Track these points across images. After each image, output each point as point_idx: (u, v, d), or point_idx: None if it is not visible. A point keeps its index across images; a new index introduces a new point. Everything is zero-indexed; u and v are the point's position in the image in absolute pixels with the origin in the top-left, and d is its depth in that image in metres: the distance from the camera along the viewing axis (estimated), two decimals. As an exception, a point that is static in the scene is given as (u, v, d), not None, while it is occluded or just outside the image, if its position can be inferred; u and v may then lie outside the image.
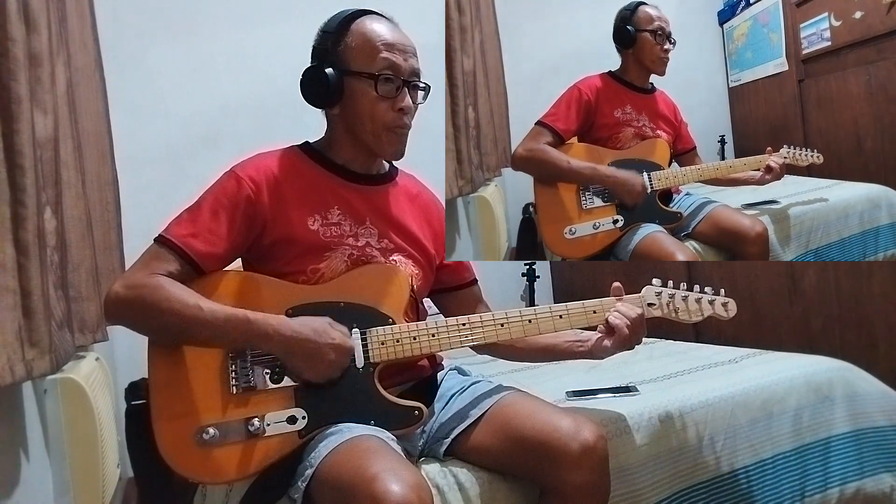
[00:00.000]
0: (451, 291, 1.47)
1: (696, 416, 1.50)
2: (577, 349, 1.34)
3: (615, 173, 1.99)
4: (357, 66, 1.28)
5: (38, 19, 1.45)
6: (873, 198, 2.26)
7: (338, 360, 1.18)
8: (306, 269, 1.26)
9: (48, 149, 1.50)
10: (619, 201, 1.99)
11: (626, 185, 1.97)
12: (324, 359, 1.17)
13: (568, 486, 1.16)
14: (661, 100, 2.19)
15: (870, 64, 2.62)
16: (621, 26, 2.09)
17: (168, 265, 1.18)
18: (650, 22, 2.07)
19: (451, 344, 1.28)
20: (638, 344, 1.30)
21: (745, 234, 1.97)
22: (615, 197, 1.99)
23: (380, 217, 1.34)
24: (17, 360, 1.28)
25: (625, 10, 2.10)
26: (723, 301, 1.35)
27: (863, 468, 1.63)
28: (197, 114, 2.55)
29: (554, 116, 2.04)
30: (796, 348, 2.00)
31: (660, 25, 2.07)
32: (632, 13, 2.09)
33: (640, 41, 2.08)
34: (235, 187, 1.24)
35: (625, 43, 2.10)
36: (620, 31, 2.09)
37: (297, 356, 1.17)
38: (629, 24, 2.08)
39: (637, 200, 1.98)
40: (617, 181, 1.97)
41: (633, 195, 1.97)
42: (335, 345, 1.18)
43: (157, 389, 1.17)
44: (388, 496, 0.97)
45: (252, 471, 1.16)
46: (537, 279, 3.24)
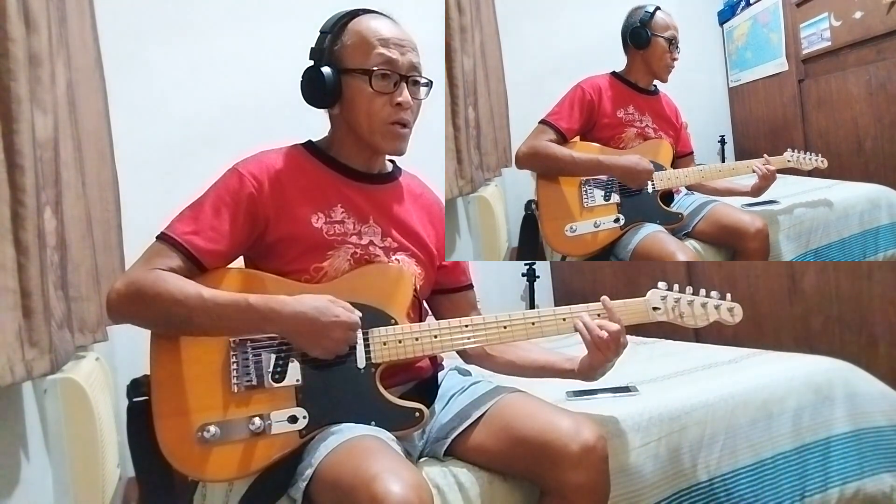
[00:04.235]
0: (445, 294, 1.45)
1: (696, 416, 1.49)
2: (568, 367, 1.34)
3: (619, 160, 2.01)
4: (353, 63, 1.28)
5: (38, 19, 1.45)
6: (873, 198, 2.27)
7: (343, 336, 1.18)
8: (309, 268, 1.26)
9: (48, 149, 1.50)
10: (621, 197, 1.99)
11: (632, 168, 1.99)
12: (329, 336, 1.17)
13: (568, 487, 1.16)
14: (663, 102, 2.20)
15: (870, 64, 2.63)
16: (638, 27, 2.09)
17: (170, 262, 1.18)
18: (666, 29, 2.09)
19: (453, 345, 1.28)
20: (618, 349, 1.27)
21: (746, 230, 1.98)
22: (622, 183, 2.00)
23: (383, 216, 1.34)
24: (17, 360, 1.28)
25: (643, 11, 2.11)
26: (728, 306, 1.33)
27: (863, 468, 1.63)
28: (197, 114, 2.55)
29: (557, 115, 2.05)
30: (796, 348, 2.00)
31: (673, 34, 2.09)
32: (651, 16, 2.09)
33: (654, 45, 2.09)
34: (238, 184, 1.24)
35: (639, 44, 2.10)
36: (636, 32, 2.09)
37: (302, 336, 1.17)
38: (646, 27, 2.08)
39: (643, 183, 1.99)
40: (622, 167, 1.99)
41: (640, 178, 1.99)
42: (340, 322, 1.17)
43: (159, 387, 1.17)
44: (388, 496, 0.97)
45: (252, 470, 1.16)
46: (537, 279, 3.25)
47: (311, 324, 1.16)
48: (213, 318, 1.15)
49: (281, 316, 1.16)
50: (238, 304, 1.16)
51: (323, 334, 1.16)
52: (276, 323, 1.16)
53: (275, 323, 1.16)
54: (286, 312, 1.16)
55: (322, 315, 1.16)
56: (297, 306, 1.16)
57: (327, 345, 1.17)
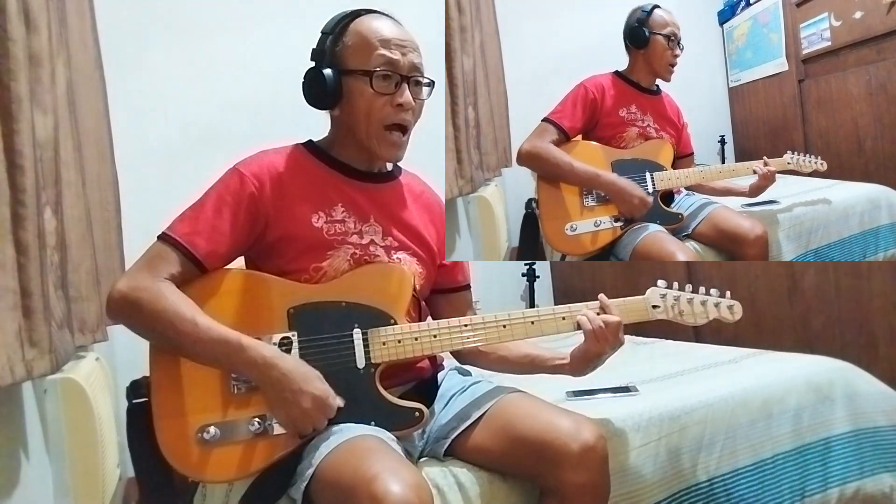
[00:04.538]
0: (443, 294, 1.45)
1: (695, 416, 1.49)
2: (559, 362, 1.34)
3: (616, 182, 1.98)
4: (354, 64, 1.28)
5: (38, 19, 1.45)
6: (873, 198, 2.27)
7: (314, 412, 1.14)
8: (309, 268, 1.25)
9: (48, 149, 1.50)
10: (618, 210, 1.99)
11: (625, 196, 1.96)
12: (300, 404, 1.13)
13: (568, 487, 1.16)
14: (666, 102, 2.20)
15: (870, 64, 2.63)
16: (636, 27, 2.09)
17: (171, 263, 1.18)
18: (664, 26, 2.09)
19: (452, 345, 1.28)
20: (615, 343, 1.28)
21: (745, 237, 1.97)
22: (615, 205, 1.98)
23: (384, 215, 1.33)
24: (17, 360, 1.28)
25: (641, 11, 2.11)
26: (728, 304, 1.33)
27: (863, 468, 1.63)
28: (197, 114, 2.55)
29: (560, 114, 2.05)
30: (796, 348, 2.00)
31: (673, 31, 2.09)
32: (648, 15, 2.09)
33: (653, 44, 2.09)
34: (238, 184, 1.24)
35: (638, 44, 2.10)
36: (635, 31, 2.09)
37: (275, 393, 1.14)
38: (644, 26, 2.08)
39: (634, 214, 1.97)
40: (617, 191, 1.97)
41: (630, 208, 1.97)
42: (318, 397, 1.14)
43: (159, 388, 1.17)
44: (388, 496, 0.97)
45: (252, 470, 1.16)
46: (537, 279, 3.25)
47: (291, 385, 1.13)
48: (199, 349, 1.15)
49: (267, 367, 1.13)
50: (228, 342, 1.14)
51: (294, 401, 1.13)
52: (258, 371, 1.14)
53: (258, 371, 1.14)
54: (272, 364, 1.14)
55: (304, 383, 1.14)
56: (289, 365, 1.15)
57: (294, 413, 1.14)
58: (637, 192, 1.97)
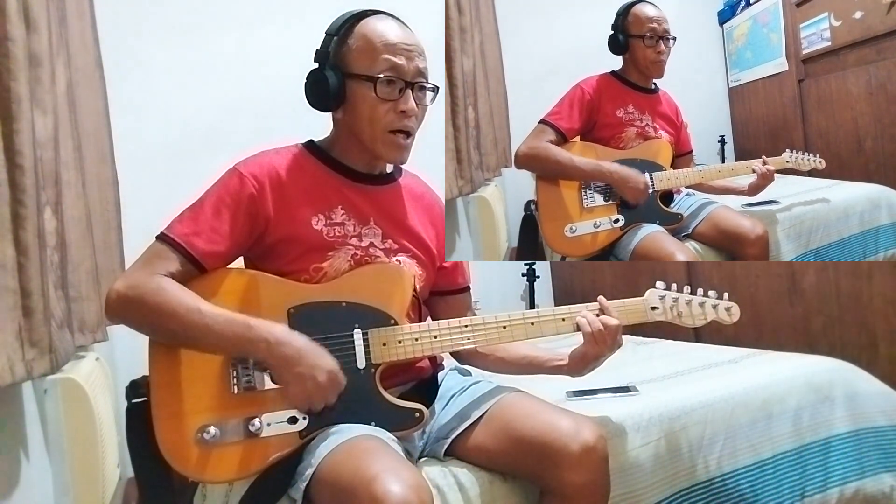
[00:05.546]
0: (442, 296, 1.44)
1: (696, 416, 1.50)
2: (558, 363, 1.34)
3: (619, 170, 1.99)
4: (358, 68, 1.26)
5: (38, 19, 1.45)
6: (873, 198, 2.27)
7: (328, 385, 1.15)
8: (309, 268, 1.25)
9: (48, 149, 1.50)
10: (621, 199, 1.99)
11: (629, 182, 1.97)
12: (315, 378, 1.15)
13: (568, 487, 1.16)
14: (664, 100, 2.19)
15: (870, 64, 2.63)
16: (612, 34, 2.09)
17: (170, 264, 1.18)
18: (640, 26, 2.06)
19: (452, 345, 1.28)
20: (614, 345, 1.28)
21: (745, 237, 1.97)
22: (618, 194, 1.99)
23: (384, 217, 1.33)
24: (17, 360, 1.28)
25: (617, 14, 2.10)
26: (726, 306, 1.33)
27: (863, 468, 1.63)
28: (197, 114, 2.55)
29: (557, 115, 2.04)
30: (796, 348, 2.00)
31: (651, 27, 2.05)
32: (623, 18, 2.08)
33: (632, 47, 2.08)
34: (238, 185, 1.24)
35: (616, 51, 2.10)
36: (611, 38, 2.09)
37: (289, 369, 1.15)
38: (619, 32, 2.08)
39: (639, 199, 1.98)
40: (620, 178, 1.97)
41: (635, 193, 1.97)
42: (329, 370, 1.16)
43: (158, 388, 1.17)
44: (388, 496, 0.97)
45: (252, 470, 1.16)
46: (537, 279, 3.25)
47: (304, 360, 1.14)
48: (208, 335, 1.14)
49: (279, 343, 1.14)
50: (236, 324, 1.14)
51: (310, 375, 1.14)
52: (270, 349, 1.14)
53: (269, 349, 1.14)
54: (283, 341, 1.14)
55: (318, 358, 1.15)
56: (297, 341, 1.15)
57: (309, 387, 1.15)
58: (641, 178, 1.98)
